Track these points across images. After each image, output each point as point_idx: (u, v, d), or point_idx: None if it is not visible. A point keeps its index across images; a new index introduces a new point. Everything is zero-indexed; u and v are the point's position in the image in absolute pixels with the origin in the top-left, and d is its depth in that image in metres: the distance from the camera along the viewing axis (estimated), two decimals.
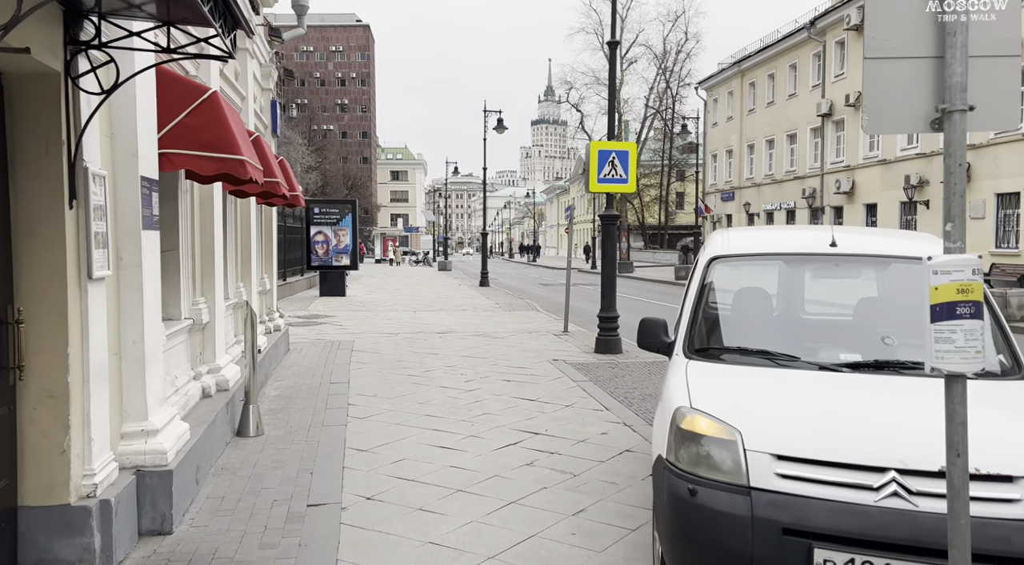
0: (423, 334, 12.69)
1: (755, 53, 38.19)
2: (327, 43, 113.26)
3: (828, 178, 31.81)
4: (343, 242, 20.50)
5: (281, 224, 20.84)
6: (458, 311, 17.43)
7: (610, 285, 10.12)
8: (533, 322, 14.89)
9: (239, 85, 7.78)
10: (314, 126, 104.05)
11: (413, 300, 20.26)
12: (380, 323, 14.65)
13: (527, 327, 13.95)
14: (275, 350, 9.03)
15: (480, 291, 24.28)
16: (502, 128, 26.33)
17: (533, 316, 16.33)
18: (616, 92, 9.57)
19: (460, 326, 14.09)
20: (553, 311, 17.82)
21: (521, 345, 11.12)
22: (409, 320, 15.24)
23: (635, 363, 9.46)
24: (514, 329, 13.61)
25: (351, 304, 18.85)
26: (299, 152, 56.90)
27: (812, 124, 33.18)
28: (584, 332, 12.89)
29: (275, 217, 10.11)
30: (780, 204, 36.41)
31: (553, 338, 11.96)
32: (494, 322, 14.88)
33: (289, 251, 22.32)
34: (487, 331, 13.19)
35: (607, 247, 10.12)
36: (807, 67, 33.71)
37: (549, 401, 7.22)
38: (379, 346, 11.03)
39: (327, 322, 14.79)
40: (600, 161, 9.97)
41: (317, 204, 20.70)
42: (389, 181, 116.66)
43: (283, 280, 20.92)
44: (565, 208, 12.60)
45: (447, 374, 8.67)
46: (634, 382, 8.32)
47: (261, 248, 9.63)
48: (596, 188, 9.97)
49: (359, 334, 12.73)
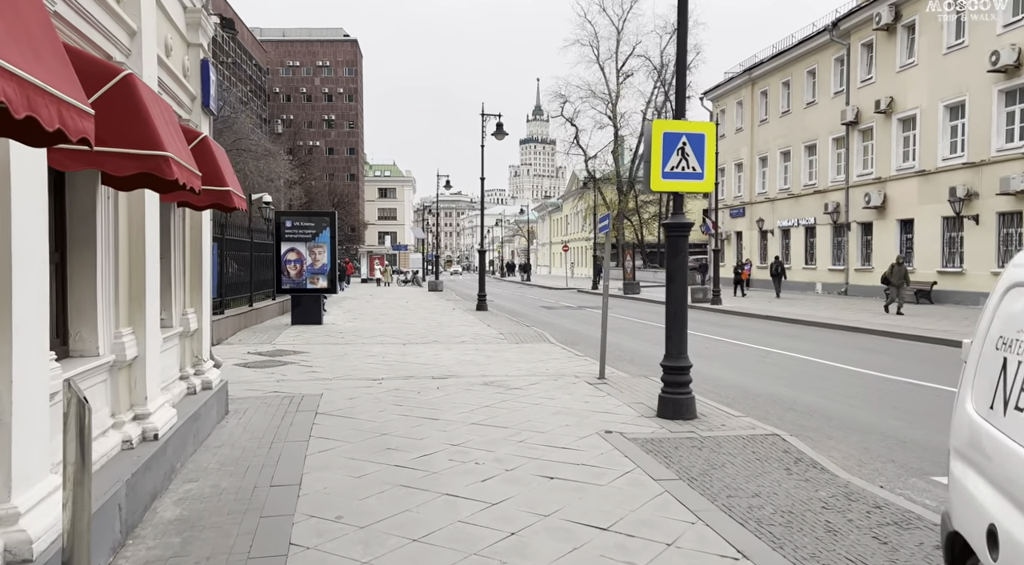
0: (415, 381, 9.71)
1: (768, 59, 35.78)
2: (314, 58, 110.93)
3: (855, 192, 29.21)
4: (320, 261, 17.51)
5: (248, 240, 17.88)
6: (456, 343, 14.47)
7: (679, 323, 7.21)
8: (551, 360, 11.95)
9: (144, 34, 4.86)
10: (299, 142, 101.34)
11: (402, 329, 17.26)
12: (360, 362, 11.66)
13: (547, 368, 11.00)
14: (195, 424, 6.03)
15: (478, 317, 21.32)
16: (502, 133, 23.54)
17: (548, 350, 13.39)
18: (684, 36, 6.79)
19: (462, 367, 11.12)
20: (569, 343, 14.89)
21: (551, 402, 8.16)
22: (397, 357, 12.26)
23: (726, 438, 6.53)
24: (531, 371, 10.66)
25: (328, 335, 15.83)
26: (282, 166, 54.02)
27: (834, 133, 30.65)
28: (624, 377, 9.95)
29: (206, 225, 7.14)
30: (798, 220, 33.78)
31: (589, 389, 9.00)
32: (503, 360, 11.92)
33: (259, 271, 19.35)
34: (498, 375, 10.23)
35: (674, 268, 7.22)
36: (828, 73, 31.25)
37: (634, 533, 4.26)
38: (355, 405, 8.03)
39: (293, 361, 11.78)
40: (666, 148, 7.10)
41: (289, 216, 17.71)
42: (377, 198, 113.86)
43: (250, 305, 17.91)
44: (600, 218, 9.72)
45: (454, 464, 5.70)
46: (747, 478, 5.38)
47: (180, 269, 6.65)
48: (660, 186, 7.11)
49: (331, 381, 9.73)
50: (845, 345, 14.73)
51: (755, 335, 16.75)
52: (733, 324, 19.74)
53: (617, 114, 61.70)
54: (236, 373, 10.53)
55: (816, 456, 5.97)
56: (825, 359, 12.55)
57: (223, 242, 15.26)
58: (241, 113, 50.42)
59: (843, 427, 7.45)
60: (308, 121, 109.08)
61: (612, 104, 61.75)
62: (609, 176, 59.24)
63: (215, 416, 6.91)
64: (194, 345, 6.99)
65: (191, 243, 6.96)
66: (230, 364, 11.51)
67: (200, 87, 6.93)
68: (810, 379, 10.52)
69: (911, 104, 25.88)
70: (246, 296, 17.92)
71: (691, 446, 6.24)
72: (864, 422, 7.64)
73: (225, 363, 11.56)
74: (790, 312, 21.80)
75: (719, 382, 10.16)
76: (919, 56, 25.53)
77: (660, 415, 7.25)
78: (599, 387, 9.10)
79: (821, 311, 22.18)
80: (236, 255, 17.29)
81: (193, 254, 7.00)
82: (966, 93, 23.22)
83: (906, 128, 26.53)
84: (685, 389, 7.20)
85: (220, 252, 15.21)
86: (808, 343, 15.03)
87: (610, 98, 61.74)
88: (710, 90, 43.01)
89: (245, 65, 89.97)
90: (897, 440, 6.90)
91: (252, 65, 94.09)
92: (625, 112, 63.63)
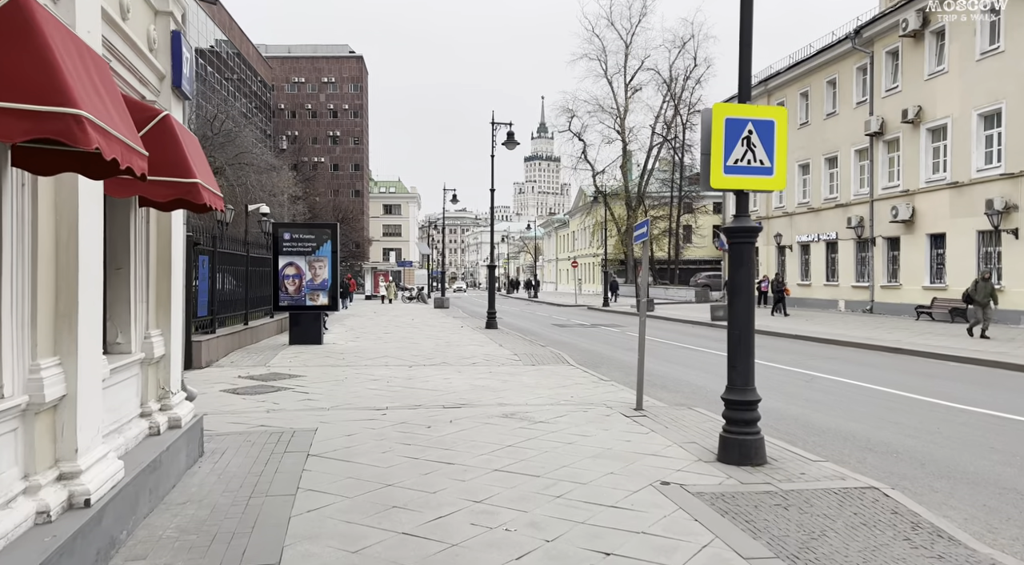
0: (424, 411, 8.47)
1: (784, 70, 34.71)
2: (319, 74, 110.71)
3: (880, 205, 27.97)
4: (320, 276, 16.32)
5: (244, 254, 16.73)
6: (467, 365, 13.23)
7: (745, 348, 5.96)
8: (574, 385, 10.70)
9: None
10: (304, 158, 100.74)
11: (408, 349, 16.03)
12: (362, 388, 10.43)
13: (571, 395, 9.75)
14: (152, 475, 4.80)
15: (488, 335, 20.08)
16: (513, 142, 22.41)
17: (568, 373, 12.14)
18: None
19: (476, 394, 9.88)
20: (590, 365, 13.66)
21: (586, 440, 6.91)
22: (403, 382, 11.03)
23: (813, 492, 5.26)
24: (554, 399, 9.42)
25: (327, 356, 14.60)
26: (285, 181, 53.13)
27: (857, 145, 29.48)
28: (663, 408, 8.69)
29: (178, 230, 5.96)
30: (818, 235, 32.54)
31: (627, 423, 7.73)
32: (521, 385, 10.68)
33: (257, 287, 18.18)
34: (518, 404, 8.99)
35: (739, 282, 5.98)
36: (849, 82, 30.14)
37: None
38: (354, 444, 6.79)
39: (288, 386, 10.55)
40: (729, 137, 5.91)
41: (287, 228, 16.54)
42: (382, 215, 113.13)
43: (245, 324, 16.72)
44: (637, 225, 8.51)
45: (478, 531, 4.45)
46: (861, 555, 4.11)
47: (142, 282, 5.46)
48: (722, 183, 5.90)
49: (328, 412, 8.50)
50: (894, 368, 13.43)
51: (790, 356, 15.48)
52: (762, 344, 18.45)
53: (625, 128, 60.76)
54: (222, 401, 9.31)
55: (936, 520, 4.71)
56: (878, 384, 11.26)
57: (215, 255, 14.10)
58: (244, 127, 49.58)
59: (943, 475, 6.17)
60: (313, 137, 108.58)
61: (620, 118, 60.83)
62: (618, 191, 58.19)
63: (184, 461, 5.68)
64: (160, 374, 5.78)
65: (157, 250, 5.77)
66: (217, 390, 10.31)
67: (170, 64, 5.77)
68: (873, 409, 9.24)
69: (941, 113, 24.71)
70: (241, 314, 16.73)
71: (773, 504, 4.97)
72: (967, 469, 6.35)
73: (211, 389, 10.36)
74: (820, 331, 20.51)
75: (770, 413, 8.89)
76: (949, 63, 24.39)
77: (722, 459, 5.99)
78: (638, 420, 7.83)
79: (853, 330, 20.87)
80: (231, 270, 16.13)
81: (160, 264, 5.81)
82: (1002, 100, 22.05)
83: (936, 138, 25.35)
84: (753, 429, 5.94)
85: (212, 266, 14.04)
86: (852, 365, 13.74)
87: (618, 112, 60.83)
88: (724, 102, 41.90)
89: (250, 81, 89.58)
90: (1019, 494, 5.62)
91: (257, 81, 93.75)
92: (633, 126, 62.45)
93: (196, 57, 49.02)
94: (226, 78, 77.27)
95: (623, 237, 58.73)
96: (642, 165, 60.61)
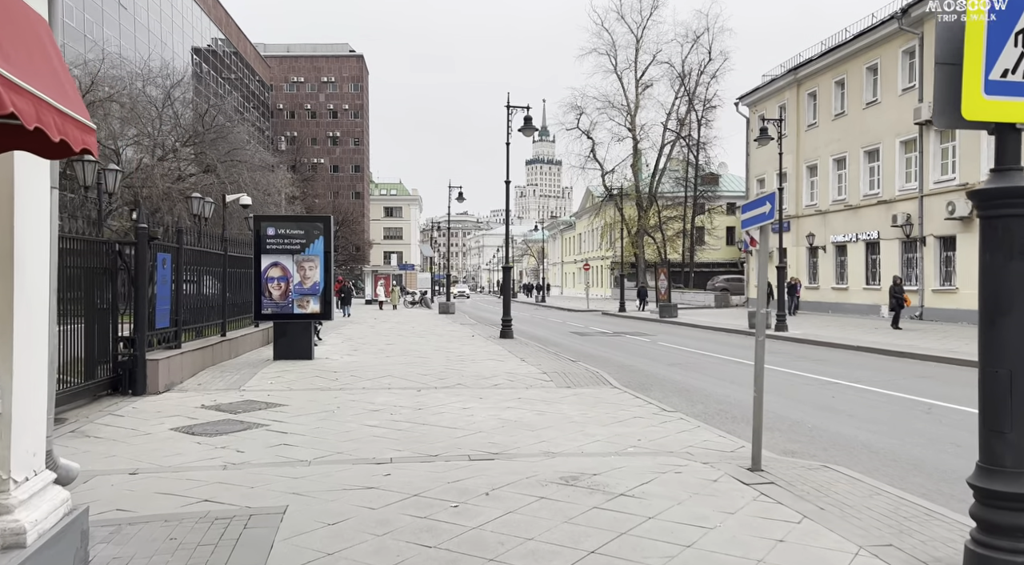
0: (443, 469, 5.91)
1: (817, 57, 32.21)
2: (318, 74, 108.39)
3: (932, 201, 25.41)
4: (310, 278, 13.78)
5: (220, 253, 14.21)
6: (489, 388, 10.70)
7: (1021, 398, 3.41)
8: (632, 418, 8.15)
9: None
10: (304, 159, 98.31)
11: (414, 365, 13.47)
12: (357, 424, 7.89)
13: (638, 436, 7.21)
14: None
15: (504, 346, 17.53)
16: (530, 129, 19.87)
17: (616, 400, 9.60)
18: None
19: (510, 434, 7.34)
20: (638, 387, 11.17)
21: (711, 538, 4.33)
22: (410, 414, 8.49)
23: None
24: (618, 443, 6.91)
25: (318, 375, 12.06)
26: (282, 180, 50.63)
27: (903, 136, 26.94)
28: (786, 465, 6.11)
29: (34, 201, 3.37)
30: (856, 235, 30.00)
31: (754, 498, 5.16)
32: (564, 419, 8.14)
33: (237, 292, 15.67)
34: (570, 452, 6.46)
35: (1010, 285, 3.45)
36: (894, 67, 27.62)
37: None
38: (341, 547, 4.23)
39: (260, 423, 7.99)
40: (995, 34, 3.36)
41: (272, 222, 13.96)
42: (383, 217, 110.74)
43: (222, 335, 14.19)
44: (752, 203, 5.98)
45: None
46: None
47: None
48: (980, 111, 3.37)
49: (308, 469, 5.95)
50: None
51: (869, 373, 12.95)
52: (821, 357, 15.91)
53: (636, 125, 58.28)
54: (165, 450, 6.78)
55: None
56: None
57: (180, 253, 11.57)
58: (238, 123, 47.07)
59: None
60: (312, 138, 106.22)
61: (631, 115, 58.30)
62: (628, 191, 55.66)
63: None
64: None
65: None
66: (166, 429, 7.77)
67: None
68: None
69: None
70: (217, 323, 14.19)
71: None
72: None
73: (159, 428, 7.81)
74: (884, 342, 17.95)
75: (929, 468, 6.36)
76: None
77: None
78: (767, 492, 5.26)
79: (929, 342, 18.32)
80: (207, 271, 13.62)
81: None
82: None
83: None
84: None
85: (177, 267, 11.51)
86: (961, 388, 11.18)
87: (628, 109, 58.34)
88: (747, 94, 39.45)
89: (248, 81, 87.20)
90: None
91: (256, 81, 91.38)
92: (645, 124, 59.78)
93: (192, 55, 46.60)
94: (223, 77, 74.86)
95: (634, 238, 56.19)
96: (654, 164, 58.15)
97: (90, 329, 9.40)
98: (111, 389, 9.98)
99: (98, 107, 33.18)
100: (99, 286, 9.70)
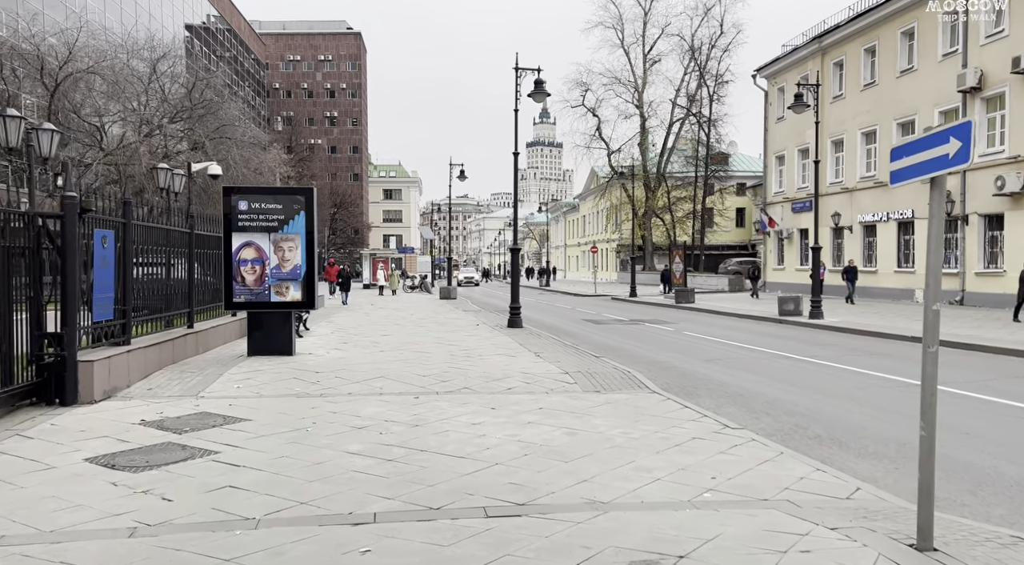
0: (445, 531, 3.95)
1: (845, 23, 29.97)
2: (315, 52, 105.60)
3: (976, 175, 23.33)
4: (290, 261, 11.79)
5: (186, 231, 12.24)
6: (501, 393, 8.75)
7: None
8: (690, 439, 6.19)
9: None
10: (300, 140, 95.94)
11: (411, 362, 11.50)
12: (334, 453, 5.92)
13: (712, 471, 5.26)
14: None
15: (514, 337, 15.57)
16: (542, 94, 17.78)
17: (661, 411, 7.66)
18: None
19: (537, 470, 5.38)
20: (681, 391, 9.23)
21: None
22: (405, 436, 6.52)
23: None
24: (688, 486, 4.97)
25: (296, 376, 10.10)
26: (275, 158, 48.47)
27: (943, 105, 24.79)
28: (968, 537, 4.16)
29: None
30: (887, 214, 27.95)
31: None
32: (603, 443, 6.18)
33: (210, 276, 13.69)
34: (626, 502, 4.51)
35: None
36: (933, 31, 25.42)
37: None
38: None
39: (207, 449, 6.02)
40: None
41: (244, 195, 11.90)
42: (381, 200, 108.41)
43: (189, 326, 12.25)
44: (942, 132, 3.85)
45: None
46: None
47: None
48: None
49: (257, 528, 3.98)
50: None
51: (961, 373, 10.97)
52: (876, 349, 13.97)
53: (644, 102, 55.97)
54: (68, 491, 4.85)
55: None
56: None
57: (127, 229, 9.55)
58: (228, 98, 44.82)
59: None
60: (309, 118, 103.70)
61: (638, 92, 55.95)
62: (636, 171, 53.50)
63: None
64: None
65: None
66: (79, 459, 5.82)
67: None
68: None
69: None
70: (183, 312, 12.22)
71: None
72: None
73: (69, 458, 5.81)
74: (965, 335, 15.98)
75: None
76: None
77: None
78: None
79: (982, 330, 16.37)
80: (170, 252, 11.63)
81: None
82: None
83: None
84: None
85: (123, 246, 9.52)
86: None
87: (636, 85, 56.00)
88: (765, 66, 37.17)
89: (243, 59, 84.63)
90: None
91: (251, 59, 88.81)
92: (652, 100, 57.61)
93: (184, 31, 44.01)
94: (217, 55, 72.33)
95: (642, 220, 54.08)
96: (662, 142, 55.93)
97: (5, 324, 7.45)
98: (34, 397, 8.04)
99: (79, 80, 31.06)
100: (17, 270, 7.73)
